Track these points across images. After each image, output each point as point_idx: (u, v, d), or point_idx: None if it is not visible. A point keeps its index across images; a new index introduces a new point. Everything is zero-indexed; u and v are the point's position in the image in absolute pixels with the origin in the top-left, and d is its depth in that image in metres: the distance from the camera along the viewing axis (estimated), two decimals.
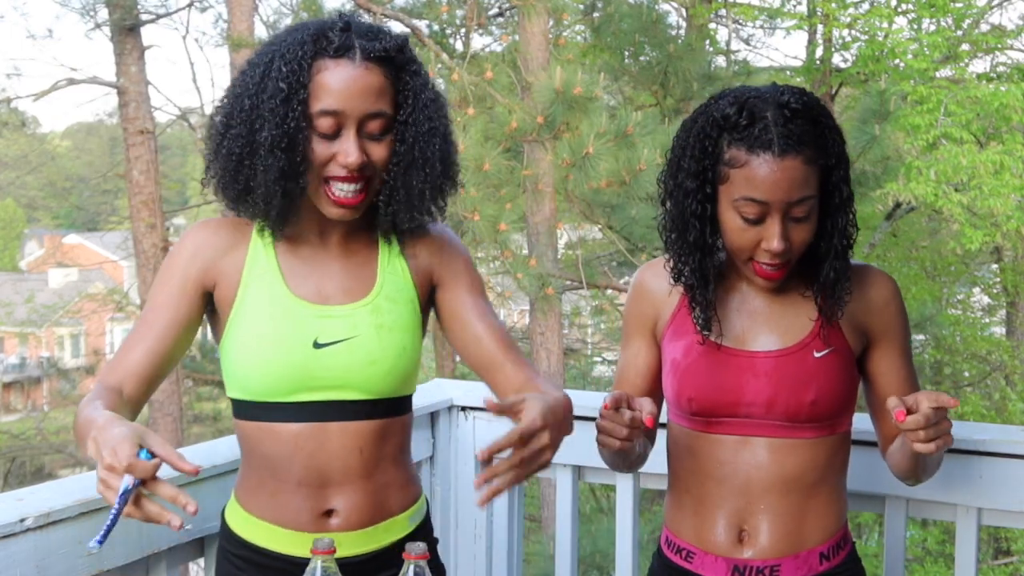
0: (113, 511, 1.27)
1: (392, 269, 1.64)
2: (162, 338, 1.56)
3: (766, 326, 1.64)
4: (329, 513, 1.59)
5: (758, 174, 1.52)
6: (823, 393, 1.60)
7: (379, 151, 1.52)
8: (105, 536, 1.28)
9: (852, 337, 1.64)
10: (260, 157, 1.48)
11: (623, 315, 1.81)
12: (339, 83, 1.48)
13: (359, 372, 1.57)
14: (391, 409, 1.62)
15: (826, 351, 1.62)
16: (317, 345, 1.55)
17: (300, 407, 1.56)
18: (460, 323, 1.66)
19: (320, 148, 1.49)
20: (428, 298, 1.68)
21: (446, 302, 1.67)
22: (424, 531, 1.72)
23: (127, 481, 1.27)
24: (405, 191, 1.55)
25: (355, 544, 1.59)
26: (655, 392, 1.75)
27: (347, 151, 1.48)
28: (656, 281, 1.73)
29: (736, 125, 1.54)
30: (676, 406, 1.70)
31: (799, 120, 1.53)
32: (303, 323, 1.56)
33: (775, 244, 1.53)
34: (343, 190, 1.51)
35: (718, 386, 1.63)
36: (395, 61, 1.52)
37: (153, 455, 1.29)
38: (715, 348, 1.65)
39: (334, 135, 1.49)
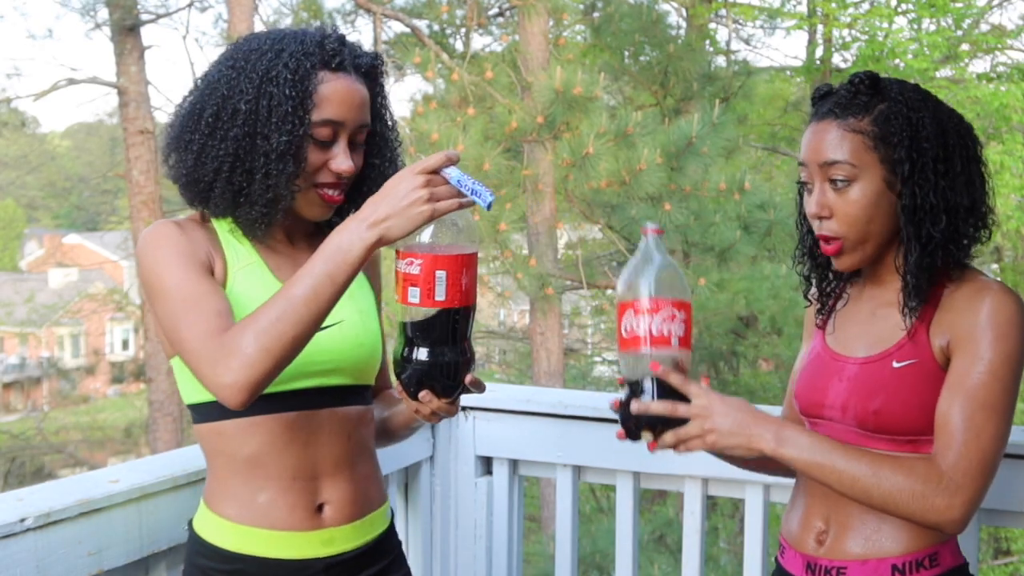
0: (472, 187, 1.38)
1: None
2: (227, 306, 1.50)
3: (865, 334, 1.64)
4: (321, 508, 1.60)
5: (805, 139, 1.63)
6: (890, 403, 1.57)
7: (358, 160, 1.60)
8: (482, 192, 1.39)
9: (940, 355, 1.57)
10: (267, 162, 1.52)
11: None
12: (340, 95, 1.55)
13: (349, 355, 1.61)
14: (366, 396, 1.68)
15: (907, 363, 1.57)
16: None
17: (291, 396, 1.57)
18: None
19: (314, 155, 1.55)
20: None
21: None
22: (394, 529, 1.75)
23: (454, 174, 1.38)
24: None
25: (346, 539, 1.60)
26: None
27: (341, 159, 1.55)
28: None
29: (813, 102, 1.67)
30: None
31: (858, 91, 1.60)
32: None
33: (812, 207, 1.60)
34: (332, 192, 1.58)
35: (811, 386, 1.67)
36: (375, 77, 1.62)
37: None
38: (825, 351, 1.69)
39: (328, 143, 1.55)
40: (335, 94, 1.54)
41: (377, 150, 1.63)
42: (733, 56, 12.40)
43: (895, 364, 1.58)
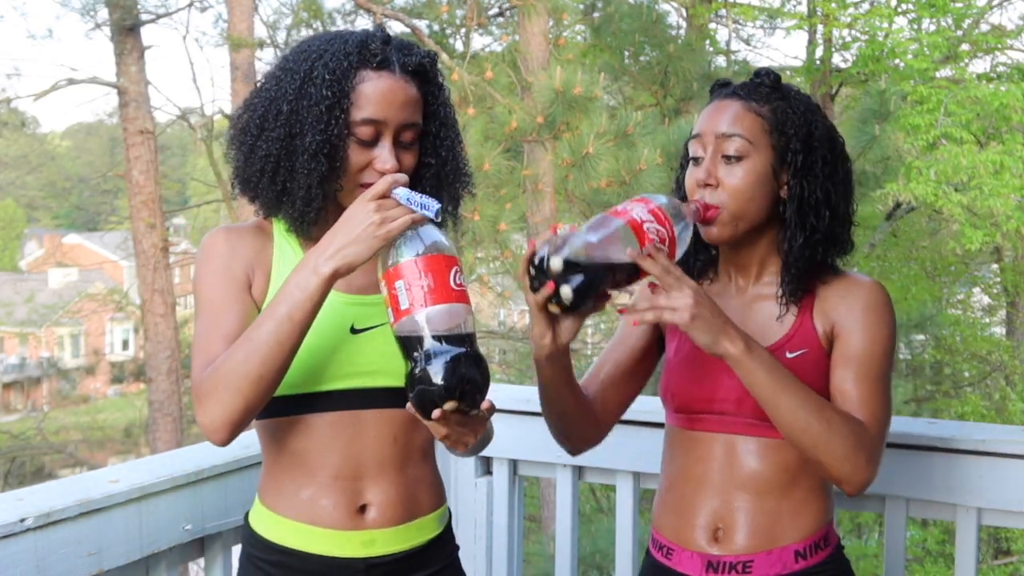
0: (419, 201, 1.43)
1: None
2: (240, 331, 1.53)
3: (748, 327, 1.66)
4: (363, 509, 1.60)
5: (703, 115, 1.69)
6: None
7: (408, 159, 1.59)
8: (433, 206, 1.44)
9: (825, 341, 1.65)
10: (302, 161, 1.53)
11: None
12: (381, 93, 1.54)
13: (393, 357, 1.57)
14: None
15: (799, 352, 1.64)
16: (354, 331, 1.58)
17: (335, 395, 1.58)
18: None
19: (356, 154, 1.55)
20: None
21: None
22: (451, 535, 1.74)
23: (403, 193, 1.44)
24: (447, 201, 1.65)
25: (389, 542, 1.60)
26: (626, 374, 1.79)
27: (384, 159, 1.55)
28: None
29: (712, 91, 1.74)
30: (664, 403, 1.75)
31: (761, 83, 1.68)
32: (338, 310, 1.58)
33: (700, 173, 1.64)
34: None
35: (696, 382, 1.68)
36: (427, 76, 1.61)
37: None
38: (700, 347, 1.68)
39: (371, 142, 1.55)
40: (375, 92, 1.54)
41: (432, 150, 1.62)
42: (733, 56, 12.41)
43: (788, 355, 1.64)
